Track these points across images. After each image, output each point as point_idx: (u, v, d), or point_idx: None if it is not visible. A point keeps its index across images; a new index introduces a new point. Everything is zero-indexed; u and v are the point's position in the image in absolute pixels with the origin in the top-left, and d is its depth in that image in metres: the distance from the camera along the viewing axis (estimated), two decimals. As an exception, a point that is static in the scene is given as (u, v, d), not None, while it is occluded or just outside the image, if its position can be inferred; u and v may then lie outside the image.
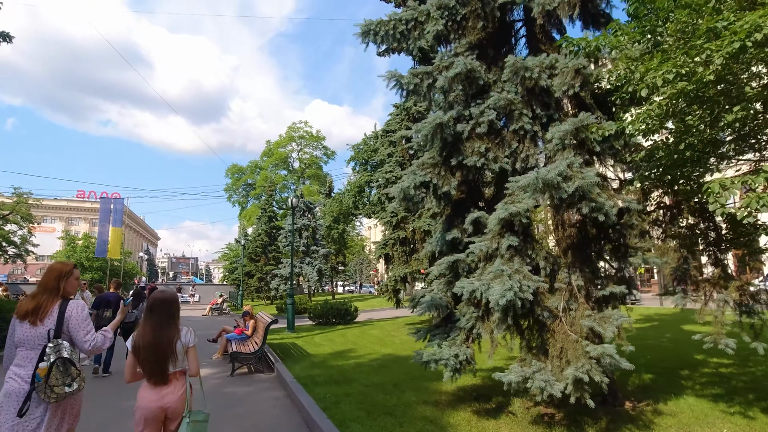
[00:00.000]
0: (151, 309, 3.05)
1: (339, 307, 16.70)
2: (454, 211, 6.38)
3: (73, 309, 2.93)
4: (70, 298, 3.02)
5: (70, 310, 2.91)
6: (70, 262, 3.26)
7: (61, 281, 2.99)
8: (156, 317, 3.03)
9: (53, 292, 2.94)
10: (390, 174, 13.89)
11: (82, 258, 37.31)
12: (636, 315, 14.12)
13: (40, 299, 2.90)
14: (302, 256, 28.39)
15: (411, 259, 14.00)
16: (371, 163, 29.71)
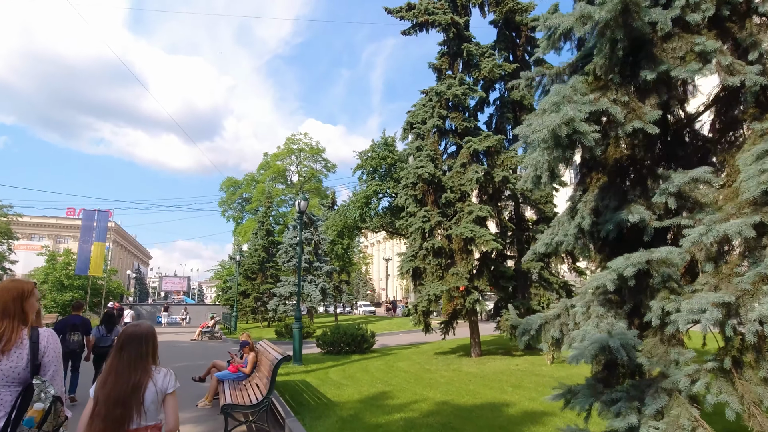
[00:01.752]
0: (120, 347, 2.45)
1: (353, 333, 13.95)
2: (620, 172, 3.83)
3: (49, 339, 2.37)
4: (36, 326, 2.39)
5: (45, 341, 2.34)
6: (29, 281, 2.56)
7: (25, 303, 2.34)
8: (124, 357, 2.41)
9: (17, 318, 2.30)
10: (422, 170, 11.36)
11: (61, 276, 34.23)
12: None
13: (1, 326, 2.25)
14: (304, 273, 25.62)
15: (447, 274, 11.38)
16: (379, 171, 27.29)
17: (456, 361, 11.54)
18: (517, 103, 13.67)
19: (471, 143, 11.69)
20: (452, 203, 11.84)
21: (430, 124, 12.20)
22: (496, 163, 12.04)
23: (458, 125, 12.28)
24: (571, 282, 13.48)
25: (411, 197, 12.31)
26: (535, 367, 9.99)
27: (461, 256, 11.54)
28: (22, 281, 2.49)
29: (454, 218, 11.77)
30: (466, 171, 11.87)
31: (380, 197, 27.85)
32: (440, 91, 12.19)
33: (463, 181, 11.67)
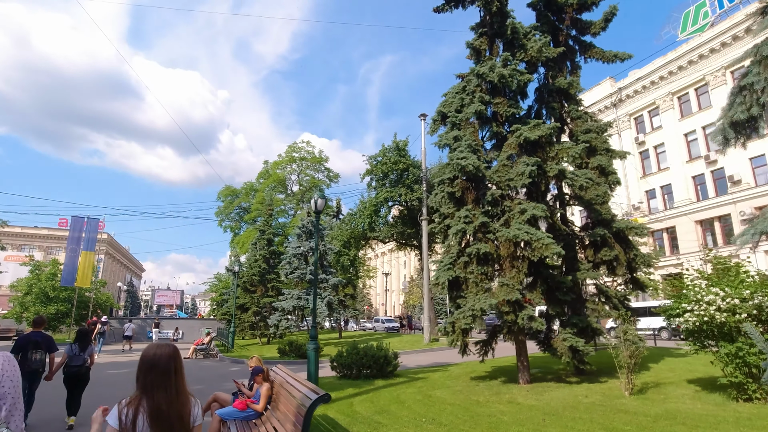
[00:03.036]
0: (149, 370, 2.11)
1: (374, 354, 12.01)
2: None
3: (5, 366, 1.91)
4: None
5: (2, 369, 1.89)
6: None
7: None
8: (160, 383, 2.10)
9: None
10: (465, 161, 9.58)
11: (46, 287, 32.02)
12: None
13: None
14: (308, 286, 23.65)
15: (496, 285, 9.53)
16: (390, 178, 25.56)
17: (504, 389, 9.63)
18: (563, 92, 12.02)
19: (521, 132, 9.97)
20: (498, 201, 10.07)
21: (470, 110, 10.47)
22: (548, 155, 10.31)
23: (503, 112, 10.57)
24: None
25: (448, 195, 10.51)
26: (611, 400, 8.10)
27: (510, 264, 9.71)
28: None
29: (500, 219, 9.98)
30: (515, 164, 10.13)
31: (390, 205, 26.10)
32: (482, 73, 10.50)
33: (511, 175, 9.91)
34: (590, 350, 9.56)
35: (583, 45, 12.62)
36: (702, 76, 37.62)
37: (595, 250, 10.84)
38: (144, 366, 2.14)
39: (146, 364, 2.14)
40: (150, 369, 2.12)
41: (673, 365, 11.47)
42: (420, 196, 24.06)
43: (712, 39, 36.99)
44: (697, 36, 38.47)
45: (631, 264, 11.26)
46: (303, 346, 18.93)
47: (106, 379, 13.77)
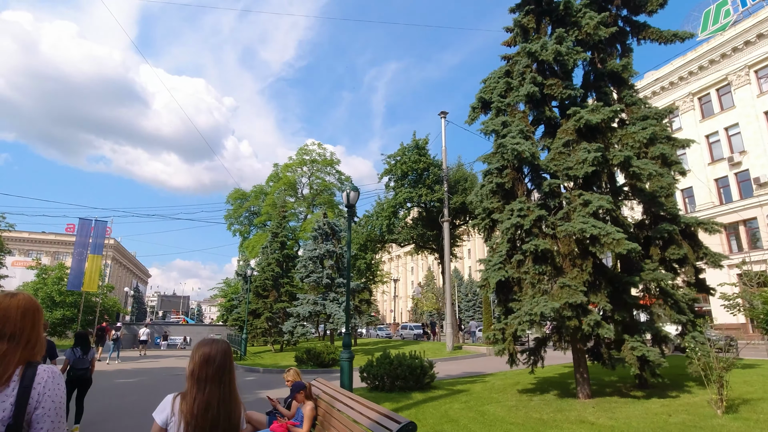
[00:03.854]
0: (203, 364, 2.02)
1: (410, 364, 10.89)
2: None
3: (48, 384, 1.57)
4: (36, 361, 1.62)
5: (42, 385, 1.55)
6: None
7: (36, 326, 1.67)
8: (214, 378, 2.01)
9: (23, 345, 1.60)
10: (520, 146, 8.51)
11: (53, 291, 31.13)
12: None
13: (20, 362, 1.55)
14: (324, 290, 22.58)
15: (555, 286, 8.42)
16: (410, 178, 24.52)
17: (565, 405, 8.48)
18: (615, 76, 10.94)
19: (580, 115, 8.90)
20: (555, 193, 8.98)
21: (522, 92, 9.41)
22: (610, 141, 9.24)
23: (557, 94, 9.51)
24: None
25: (497, 187, 9.43)
26: (703, 420, 6.95)
27: (571, 263, 8.61)
28: (22, 295, 1.71)
29: (558, 212, 8.89)
30: (572, 151, 9.05)
31: (409, 206, 25.04)
32: (533, 51, 9.45)
33: (569, 163, 8.84)
34: (663, 361, 8.42)
35: (635, 25, 11.55)
36: (724, 76, 36.53)
37: (661, 248, 9.72)
38: (199, 360, 2.04)
39: (201, 357, 2.04)
40: (204, 363, 2.02)
41: (746, 377, 10.29)
42: (441, 197, 23.01)
43: (734, 37, 35.92)
44: (718, 35, 37.42)
45: (696, 264, 10.14)
46: (322, 354, 17.84)
47: (114, 390, 12.75)
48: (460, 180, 24.89)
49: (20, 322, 1.64)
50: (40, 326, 1.71)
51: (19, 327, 1.62)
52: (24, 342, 1.62)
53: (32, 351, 1.64)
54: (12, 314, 1.63)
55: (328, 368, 17.72)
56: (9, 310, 1.64)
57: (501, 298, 9.60)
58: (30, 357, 1.63)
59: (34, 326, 1.68)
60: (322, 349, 18.19)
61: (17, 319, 1.63)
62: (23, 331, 1.63)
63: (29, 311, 1.68)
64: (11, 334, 1.60)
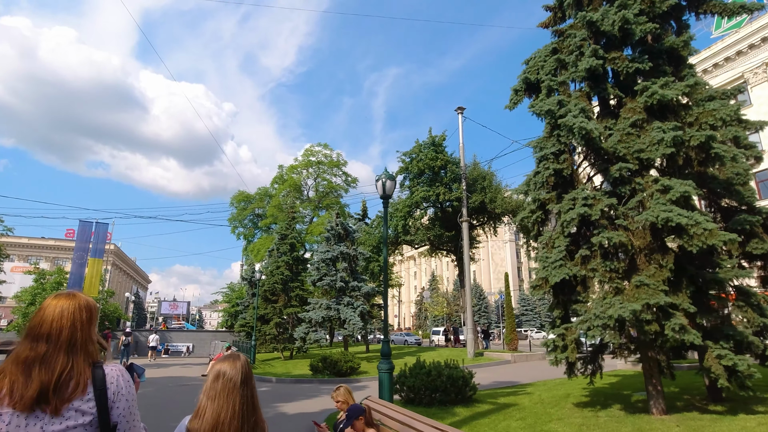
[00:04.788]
0: (215, 379, 1.86)
1: (450, 374, 9.73)
2: None
3: (120, 381, 1.60)
4: (101, 362, 1.62)
5: (114, 384, 1.58)
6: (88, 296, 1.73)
7: (92, 329, 1.63)
8: (224, 393, 1.83)
9: (77, 351, 1.55)
10: (588, 124, 7.42)
11: (51, 297, 29.91)
12: None
13: (55, 364, 1.49)
14: (337, 294, 21.41)
15: (630, 285, 7.29)
16: (426, 176, 23.43)
17: (642, 423, 7.34)
18: (673, 54, 9.86)
19: (652, 90, 7.82)
20: (626, 179, 7.88)
21: (582, 66, 8.33)
22: (685, 120, 8.15)
23: (623, 68, 8.43)
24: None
25: (552, 174, 8.32)
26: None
27: (647, 258, 7.49)
28: (76, 295, 1.67)
29: (630, 201, 7.78)
30: (644, 131, 7.96)
31: (426, 206, 23.92)
32: (594, 20, 8.38)
33: (641, 145, 7.74)
34: (754, 371, 7.29)
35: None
36: (740, 74, 35.63)
37: (741, 242, 8.60)
38: (211, 375, 1.89)
39: (213, 372, 1.89)
40: (216, 377, 1.87)
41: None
42: (459, 196, 21.92)
43: (751, 34, 35.11)
44: (733, 32, 36.59)
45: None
46: (339, 362, 16.67)
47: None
48: (478, 178, 23.81)
49: (58, 321, 1.56)
50: (87, 325, 1.60)
51: (56, 327, 1.54)
52: (66, 343, 1.53)
53: (87, 353, 1.56)
54: (49, 314, 1.56)
55: (345, 377, 16.55)
56: (47, 310, 1.57)
57: (559, 300, 8.46)
58: (91, 359, 1.58)
59: (75, 325, 1.57)
60: (339, 356, 17.02)
61: (54, 318, 1.55)
62: (61, 332, 1.54)
63: (67, 310, 1.58)
64: (49, 333, 1.53)
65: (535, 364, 19.38)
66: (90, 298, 1.68)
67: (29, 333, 1.54)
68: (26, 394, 1.41)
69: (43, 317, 1.55)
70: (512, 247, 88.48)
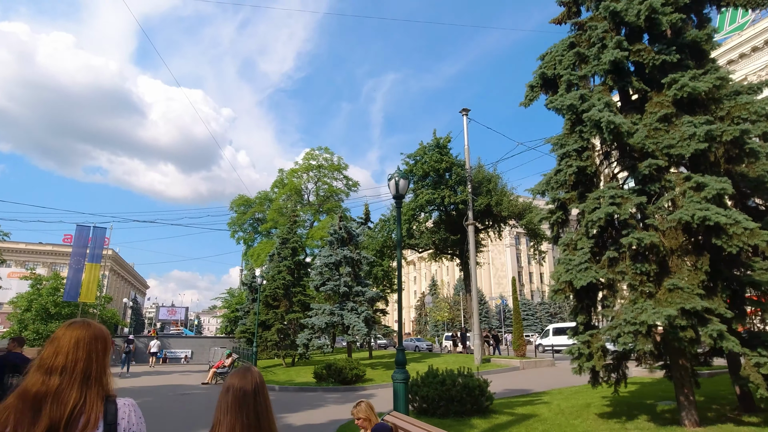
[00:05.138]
0: (225, 392, 1.79)
1: (465, 383, 9.25)
2: None
3: (131, 418, 1.54)
4: (114, 396, 1.54)
5: (126, 420, 1.52)
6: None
7: (95, 357, 1.52)
8: (235, 406, 1.76)
9: (92, 384, 1.48)
10: (615, 117, 7.00)
11: (48, 303, 29.34)
12: None
13: (68, 399, 1.41)
14: (341, 299, 20.91)
15: (661, 289, 6.84)
16: (431, 179, 23.02)
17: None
18: (695, 48, 9.47)
19: (681, 82, 7.42)
20: (654, 177, 7.45)
21: (605, 59, 7.93)
22: (716, 115, 7.74)
23: (648, 60, 8.03)
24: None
25: (575, 173, 7.90)
26: None
27: (681, 260, 7.05)
28: (89, 323, 1.60)
29: (660, 200, 7.36)
30: (673, 126, 7.55)
31: (431, 209, 23.48)
32: (617, 11, 8.00)
33: (670, 140, 7.32)
34: (794, 380, 6.84)
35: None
36: (744, 76, 35.42)
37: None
38: (222, 388, 1.86)
39: (224, 386, 1.85)
40: (227, 390, 1.81)
41: None
42: (465, 199, 21.50)
43: (754, 37, 34.99)
44: (735, 35, 36.46)
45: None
46: (344, 369, 16.17)
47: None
48: (483, 181, 23.41)
49: (73, 353, 1.49)
50: (102, 357, 1.54)
51: (71, 359, 1.47)
52: (80, 375, 1.46)
53: (101, 385, 1.50)
54: (64, 345, 1.49)
55: (351, 385, 16.04)
56: (62, 341, 1.51)
57: (583, 305, 8.01)
58: (104, 392, 1.51)
59: (91, 357, 1.50)
60: (344, 363, 16.51)
61: (69, 350, 1.49)
62: (76, 364, 1.47)
63: (83, 341, 1.51)
64: (62, 367, 1.45)
65: (544, 371, 18.88)
66: (104, 328, 1.61)
67: (41, 365, 1.46)
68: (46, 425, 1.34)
69: (57, 348, 1.47)
70: (512, 251, 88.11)
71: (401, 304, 8.15)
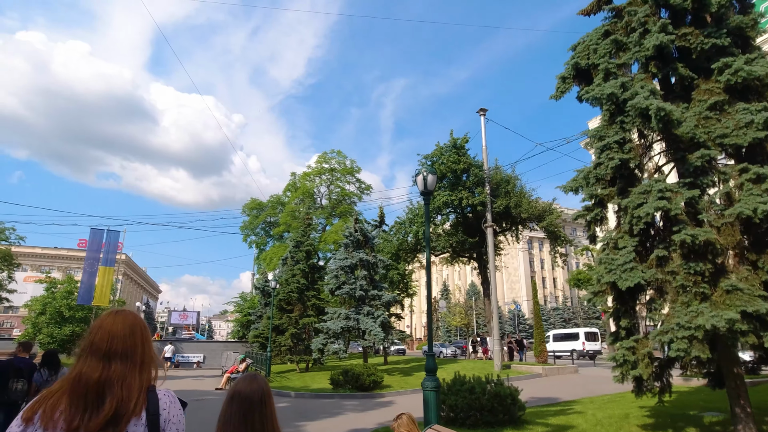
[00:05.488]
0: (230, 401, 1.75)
1: (496, 392, 8.70)
2: None
3: (172, 408, 1.50)
4: (154, 386, 1.50)
5: (167, 410, 1.48)
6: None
7: (146, 344, 1.51)
8: (239, 416, 1.70)
9: (144, 370, 1.47)
10: (667, 105, 6.46)
11: (62, 306, 29.31)
12: None
13: (131, 383, 1.39)
14: (357, 303, 20.44)
15: (718, 290, 6.26)
16: (448, 180, 22.51)
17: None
18: (739, 34, 8.89)
19: (737, 66, 6.87)
20: (706, 169, 6.88)
21: (648, 44, 7.39)
22: (773, 102, 7.15)
23: (696, 44, 7.49)
24: None
25: (619, 165, 7.35)
26: None
27: (739, 259, 6.47)
28: (126, 312, 1.57)
29: (713, 192, 6.80)
30: (725, 114, 6.99)
31: (448, 211, 22.95)
32: (661, -9, 7.47)
33: (725, 129, 6.76)
34: None
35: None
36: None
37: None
38: (227, 397, 1.79)
39: (228, 395, 1.80)
40: (230, 399, 1.76)
41: None
42: (483, 200, 20.95)
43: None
44: (759, 33, 35.48)
45: None
46: (362, 375, 15.66)
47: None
48: (502, 182, 22.83)
49: (129, 338, 1.46)
50: (150, 345, 1.53)
51: (129, 344, 1.44)
52: (139, 362, 1.45)
53: (150, 373, 1.49)
54: (119, 330, 1.45)
55: (368, 392, 15.53)
56: (114, 326, 1.45)
57: (626, 309, 7.44)
58: (149, 380, 1.48)
59: (144, 344, 1.49)
60: (361, 369, 16.00)
61: (126, 335, 1.45)
62: (135, 349, 1.45)
63: (137, 327, 1.50)
64: (123, 351, 1.41)
65: (568, 378, 18.20)
66: (133, 314, 1.56)
67: (94, 350, 1.40)
68: (95, 419, 1.29)
69: (111, 333, 1.43)
70: (525, 256, 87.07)
71: (431, 306, 7.64)
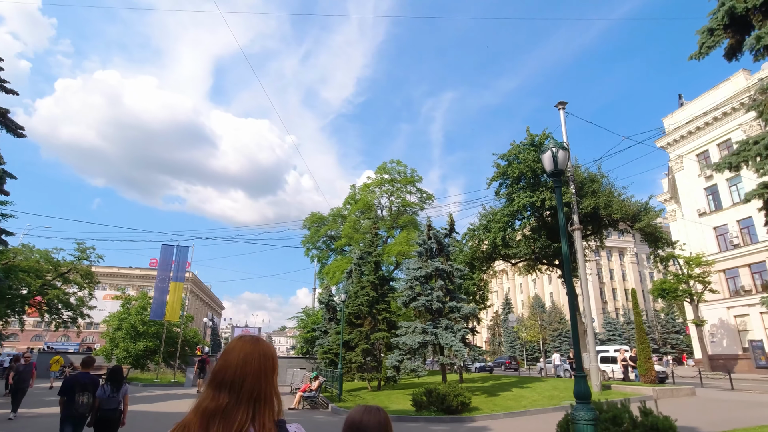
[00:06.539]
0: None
1: (652, 424, 6.90)
2: None
3: None
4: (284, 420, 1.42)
5: None
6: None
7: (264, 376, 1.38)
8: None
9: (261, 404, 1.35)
10: None
11: (136, 322, 29.90)
12: None
13: (234, 417, 1.29)
14: (433, 316, 18.90)
15: None
16: (526, 181, 20.67)
17: None
18: None
19: None
20: None
21: None
22: None
23: None
24: None
25: None
26: None
27: None
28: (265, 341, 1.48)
29: None
30: None
31: (528, 214, 21.03)
32: None
33: None
34: None
35: None
36: None
37: None
38: (345, 427, 1.73)
39: (347, 425, 1.73)
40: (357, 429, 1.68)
41: None
42: (568, 201, 18.92)
43: None
44: None
45: None
46: (448, 396, 14.07)
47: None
48: (587, 182, 20.68)
49: (241, 369, 1.36)
50: (270, 376, 1.39)
51: (239, 375, 1.34)
52: (247, 394, 1.32)
53: (270, 406, 1.36)
54: (233, 360, 1.37)
55: (457, 415, 13.88)
56: (230, 355, 1.39)
57: None
58: (273, 414, 1.37)
59: (260, 376, 1.36)
60: (447, 389, 14.41)
61: (237, 365, 1.36)
62: (244, 381, 1.33)
63: (253, 356, 1.38)
64: (231, 383, 1.33)
65: (685, 402, 15.61)
66: (272, 346, 1.46)
67: (213, 379, 1.36)
68: None
69: (227, 362, 1.37)
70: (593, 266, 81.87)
71: (575, 316, 6.07)
